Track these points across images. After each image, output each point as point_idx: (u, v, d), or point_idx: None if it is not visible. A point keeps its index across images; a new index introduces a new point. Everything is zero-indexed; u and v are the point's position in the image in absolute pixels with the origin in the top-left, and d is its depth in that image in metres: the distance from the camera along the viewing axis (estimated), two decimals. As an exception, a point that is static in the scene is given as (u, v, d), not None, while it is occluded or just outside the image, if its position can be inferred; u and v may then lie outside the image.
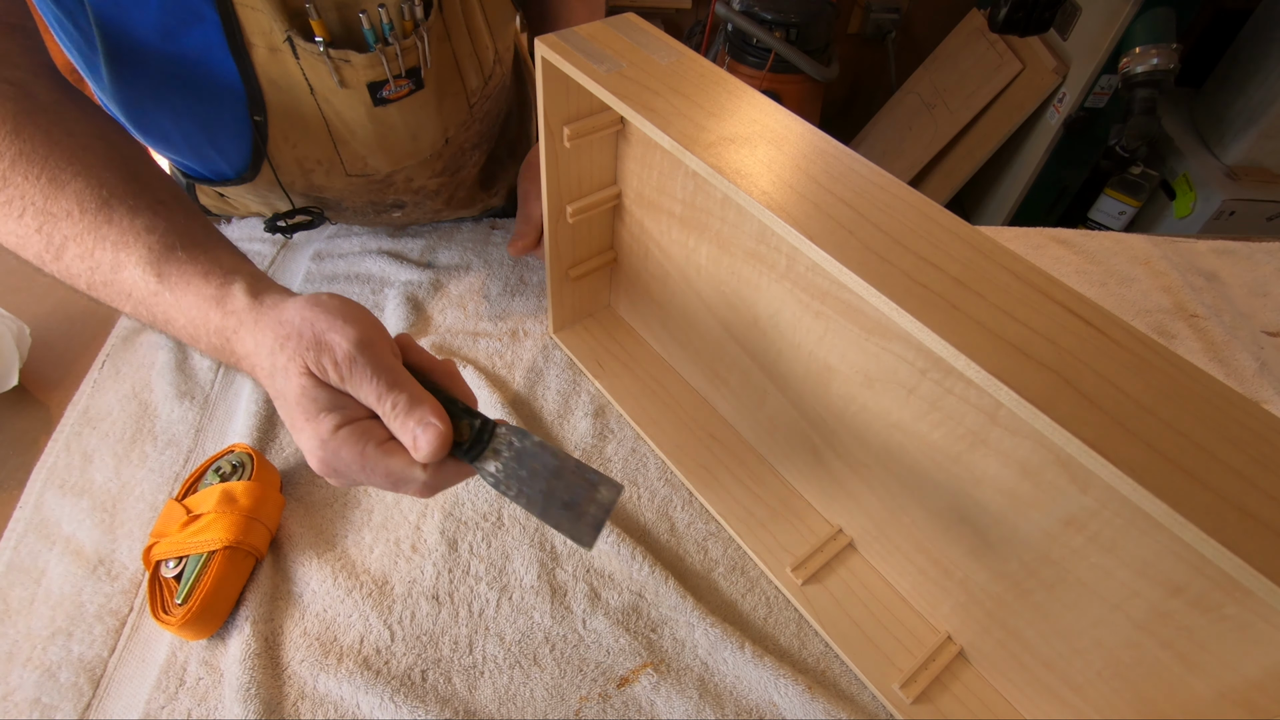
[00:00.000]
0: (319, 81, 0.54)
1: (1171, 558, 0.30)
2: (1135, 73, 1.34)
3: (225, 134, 0.57)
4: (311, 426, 0.34)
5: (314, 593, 0.46)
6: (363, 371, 0.34)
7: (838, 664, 0.45)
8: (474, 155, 0.70)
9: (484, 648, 0.44)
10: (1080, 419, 0.26)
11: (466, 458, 0.35)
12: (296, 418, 0.35)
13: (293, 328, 0.35)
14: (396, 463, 0.34)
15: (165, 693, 0.42)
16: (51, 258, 0.39)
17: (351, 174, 0.62)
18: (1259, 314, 0.72)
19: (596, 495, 0.34)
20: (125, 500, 0.50)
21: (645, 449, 0.55)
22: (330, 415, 0.34)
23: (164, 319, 0.39)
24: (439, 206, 0.72)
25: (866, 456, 0.44)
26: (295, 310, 0.36)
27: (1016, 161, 1.80)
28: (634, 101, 0.38)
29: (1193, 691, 0.32)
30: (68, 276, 0.40)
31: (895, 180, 0.35)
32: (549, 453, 0.35)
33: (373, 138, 0.58)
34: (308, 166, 0.60)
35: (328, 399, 0.34)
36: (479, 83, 0.64)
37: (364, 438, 0.34)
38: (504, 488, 0.34)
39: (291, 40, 0.50)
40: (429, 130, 0.61)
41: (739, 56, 1.77)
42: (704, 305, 0.52)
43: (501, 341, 0.62)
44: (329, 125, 0.57)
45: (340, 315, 0.35)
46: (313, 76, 0.53)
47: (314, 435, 0.34)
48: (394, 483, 0.35)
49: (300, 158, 0.59)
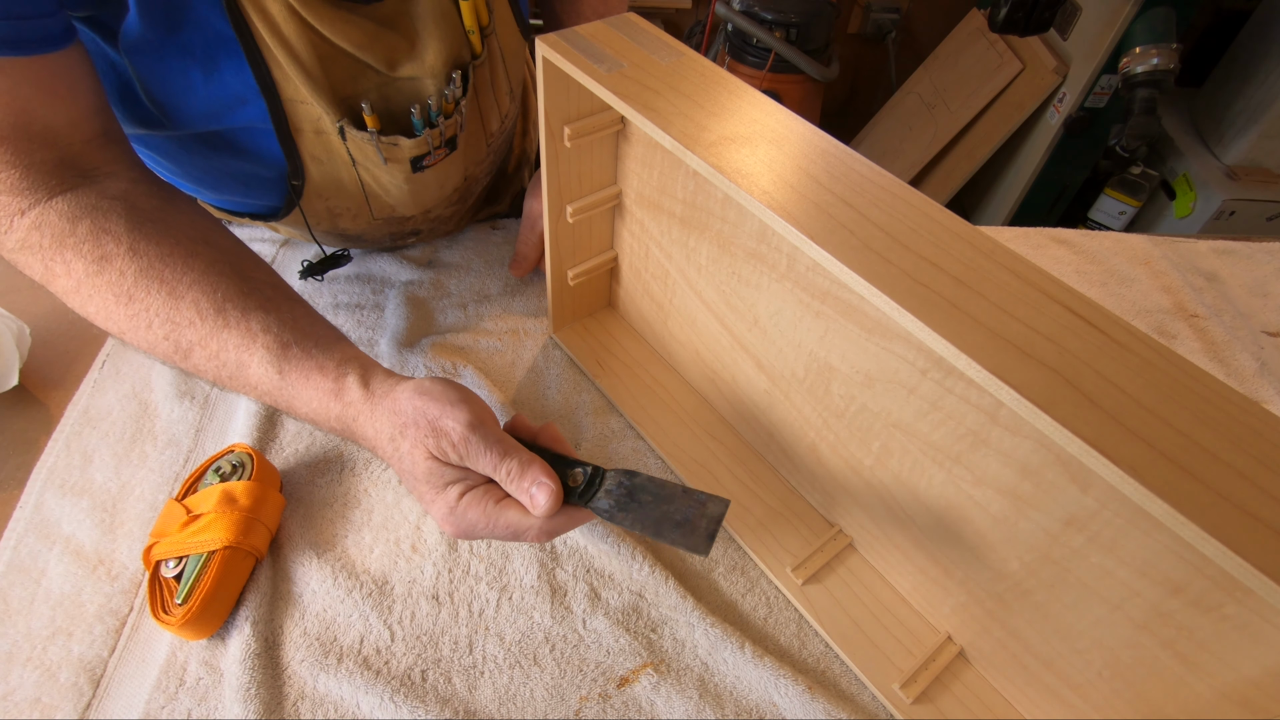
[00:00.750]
0: (363, 157, 0.56)
1: (1172, 557, 0.30)
2: (1135, 73, 1.34)
3: (260, 190, 0.60)
4: (441, 498, 0.40)
5: (314, 593, 0.46)
6: (478, 448, 0.40)
7: (838, 664, 0.45)
8: (485, 180, 0.72)
9: (484, 648, 0.44)
10: (1081, 418, 0.26)
11: (581, 501, 0.40)
12: (425, 492, 0.41)
13: (408, 417, 0.41)
14: (514, 515, 0.40)
15: (165, 693, 0.42)
16: (180, 359, 0.44)
17: (378, 218, 0.64)
18: (1259, 314, 0.72)
19: (706, 510, 0.38)
20: (125, 500, 0.50)
21: (645, 449, 0.55)
22: (454, 486, 0.40)
23: (288, 406, 0.45)
24: (451, 228, 0.73)
25: (866, 456, 0.44)
26: (407, 400, 0.42)
27: (1016, 161, 1.80)
28: (635, 101, 0.38)
29: (1193, 691, 0.32)
30: (198, 373, 0.45)
31: (896, 180, 0.35)
32: (658, 484, 0.40)
33: (406, 195, 0.61)
34: (336, 213, 0.63)
35: (450, 474, 0.40)
36: (497, 125, 0.65)
37: (484, 499, 0.40)
38: (619, 520, 0.39)
39: (343, 130, 0.53)
40: (453, 177, 0.63)
41: (739, 56, 1.77)
42: (704, 305, 0.52)
43: (501, 341, 0.62)
44: (364, 187, 0.59)
45: (449, 401, 0.41)
46: (357, 154, 0.55)
47: (444, 504, 0.40)
48: (515, 534, 0.40)
49: (331, 208, 0.62)
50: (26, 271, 0.44)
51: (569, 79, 0.43)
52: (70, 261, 0.42)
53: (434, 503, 0.41)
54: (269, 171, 0.57)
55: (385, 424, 0.42)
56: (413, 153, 0.56)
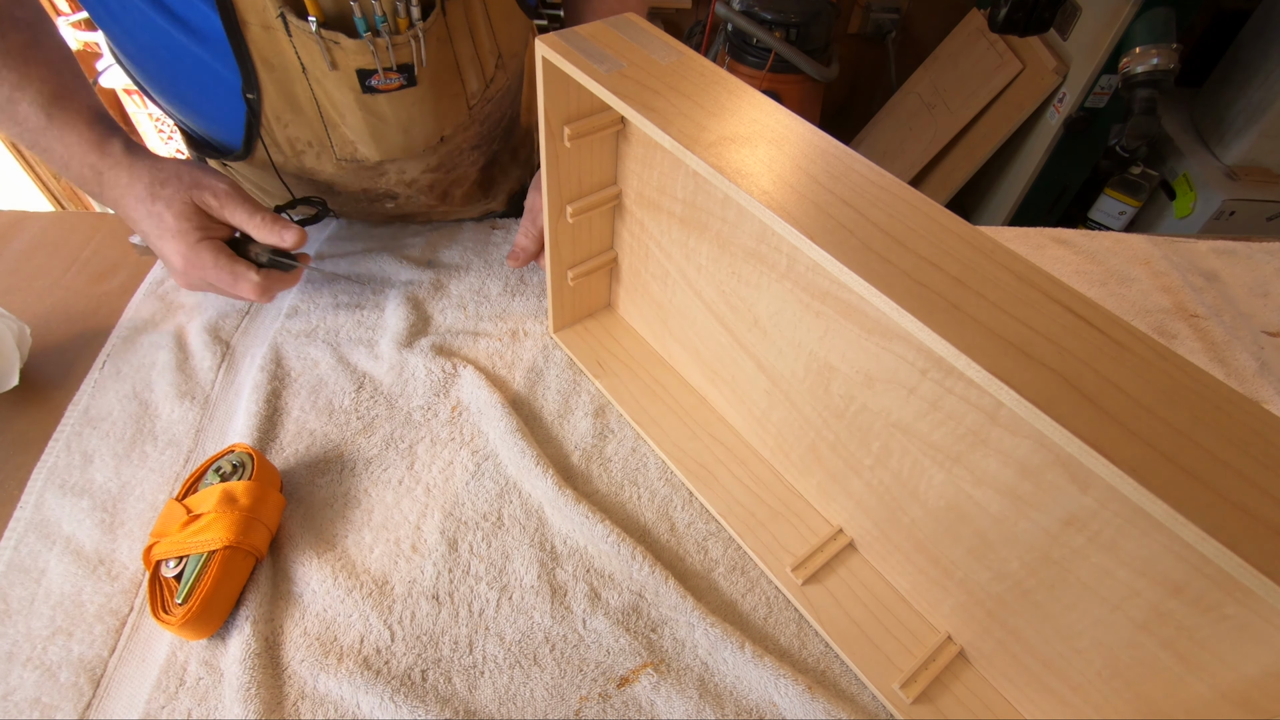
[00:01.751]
0: (311, 62, 0.55)
1: (1171, 557, 0.30)
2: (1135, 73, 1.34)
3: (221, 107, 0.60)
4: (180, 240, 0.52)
5: (314, 593, 0.46)
6: (236, 202, 0.54)
7: (838, 664, 0.45)
8: (472, 155, 0.70)
9: (484, 648, 0.44)
10: (1080, 419, 0.26)
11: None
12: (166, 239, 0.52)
13: (172, 172, 0.53)
14: (241, 265, 0.54)
15: (165, 693, 0.42)
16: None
17: (341, 159, 0.63)
18: (1259, 314, 0.72)
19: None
20: (125, 500, 0.50)
21: (645, 449, 0.55)
22: (195, 231, 0.52)
23: (46, 146, 0.53)
24: (433, 202, 0.72)
25: (866, 456, 0.44)
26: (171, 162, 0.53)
27: (1016, 161, 1.80)
28: (634, 101, 0.38)
29: (1193, 691, 0.32)
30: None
31: (895, 180, 0.35)
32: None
33: (362, 125, 0.60)
34: (299, 148, 0.62)
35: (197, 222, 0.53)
36: (479, 86, 0.64)
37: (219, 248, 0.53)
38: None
39: (284, 17, 0.52)
40: (422, 127, 0.62)
41: (739, 56, 1.77)
42: (704, 305, 0.52)
43: (501, 341, 0.62)
44: (320, 107, 0.59)
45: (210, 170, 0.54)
46: (305, 56, 0.55)
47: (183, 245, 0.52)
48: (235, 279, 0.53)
49: (291, 138, 0.61)
50: None
51: (569, 79, 0.43)
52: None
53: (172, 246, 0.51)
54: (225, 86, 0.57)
55: (145, 175, 0.52)
56: (357, 61, 0.55)
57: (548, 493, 0.50)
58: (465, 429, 0.55)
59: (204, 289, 0.57)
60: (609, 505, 0.52)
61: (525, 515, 0.51)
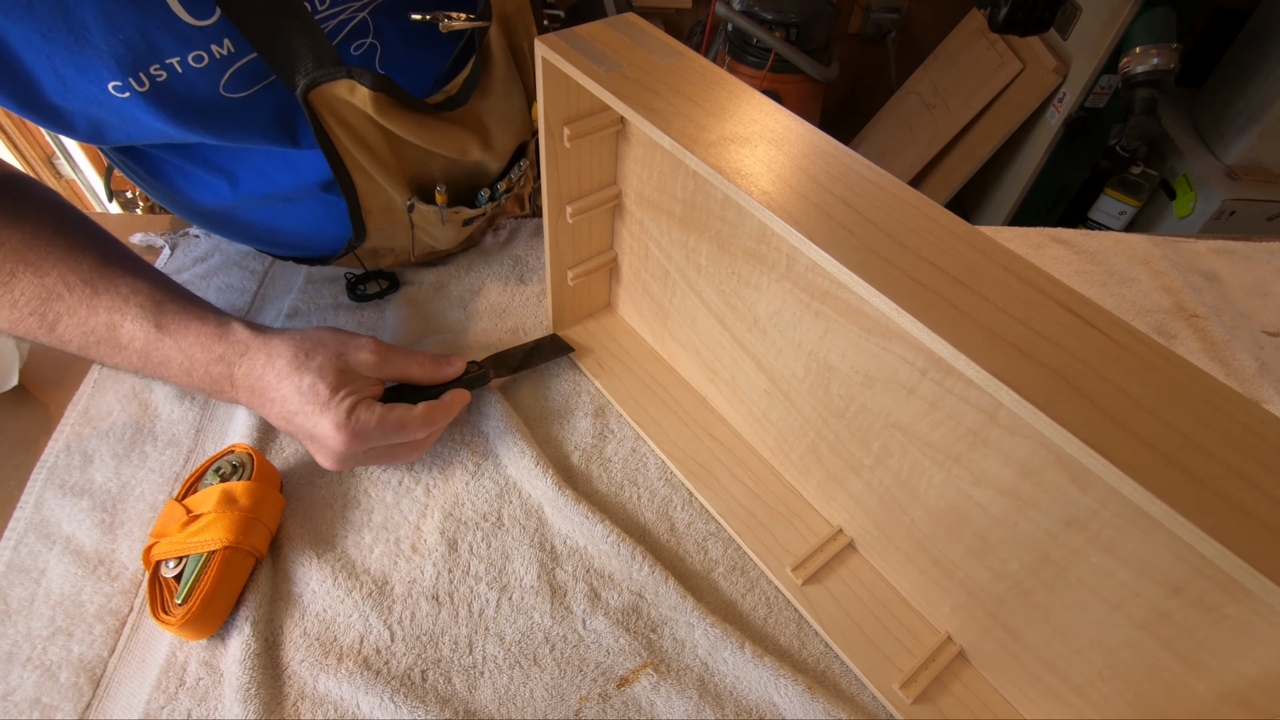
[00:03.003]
0: (423, 221, 0.59)
1: (1171, 558, 0.30)
2: (1135, 73, 1.34)
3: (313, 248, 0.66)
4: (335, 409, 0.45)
5: (314, 593, 0.46)
6: (394, 352, 0.49)
7: (838, 664, 0.45)
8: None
9: (484, 648, 0.44)
10: (1080, 419, 0.26)
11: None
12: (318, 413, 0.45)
13: (313, 340, 0.47)
14: (400, 410, 0.47)
15: (165, 693, 0.42)
16: (46, 332, 0.45)
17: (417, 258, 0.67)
18: (1259, 314, 0.72)
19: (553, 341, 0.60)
20: (125, 500, 0.50)
21: (645, 449, 0.55)
22: (350, 398, 0.45)
23: (159, 361, 0.46)
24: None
25: (866, 456, 0.44)
26: (308, 331, 0.48)
27: (1016, 161, 1.80)
28: (634, 101, 0.38)
29: (1193, 691, 0.32)
30: (63, 345, 0.46)
31: (895, 180, 0.35)
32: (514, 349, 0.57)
33: (452, 239, 0.65)
34: (380, 255, 0.65)
35: (353, 387, 0.46)
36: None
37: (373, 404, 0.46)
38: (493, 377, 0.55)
39: (412, 205, 0.56)
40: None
41: (739, 56, 1.77)
42: (704, 305, 0.52)
43: (501, 341, 0.62)
44: (414, 237, 0.62)
45: (347, 333, 0.49)
46: (419, 220, 0.59)
47: (338, 413, 0.45)
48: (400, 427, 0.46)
49: (377, 251, 0.65)
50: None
51: (568, 79, 0.43)
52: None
53: (327, 424, 0.45)
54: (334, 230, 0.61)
55: (286, 348, 0.46)
56: (471, 216, 0.61)
57: (548, 493, 0.50)
58: (465, 429, 0.55)
59: (359, 464, 0.49)
60: (609, 505, 0.52)
61: (525, 515, 0.51)
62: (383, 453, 0.48)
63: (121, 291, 0.45)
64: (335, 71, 0.47)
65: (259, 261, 0.67)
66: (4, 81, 0.43)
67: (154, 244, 0.68)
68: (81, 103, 0.45)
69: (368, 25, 0.52)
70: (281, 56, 0.46)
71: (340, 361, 0.46)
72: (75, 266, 0.45)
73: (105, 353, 0.46)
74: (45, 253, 0.44)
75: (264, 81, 0.49)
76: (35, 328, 0.45)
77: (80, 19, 0.41)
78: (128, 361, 0.47)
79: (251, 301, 0.63)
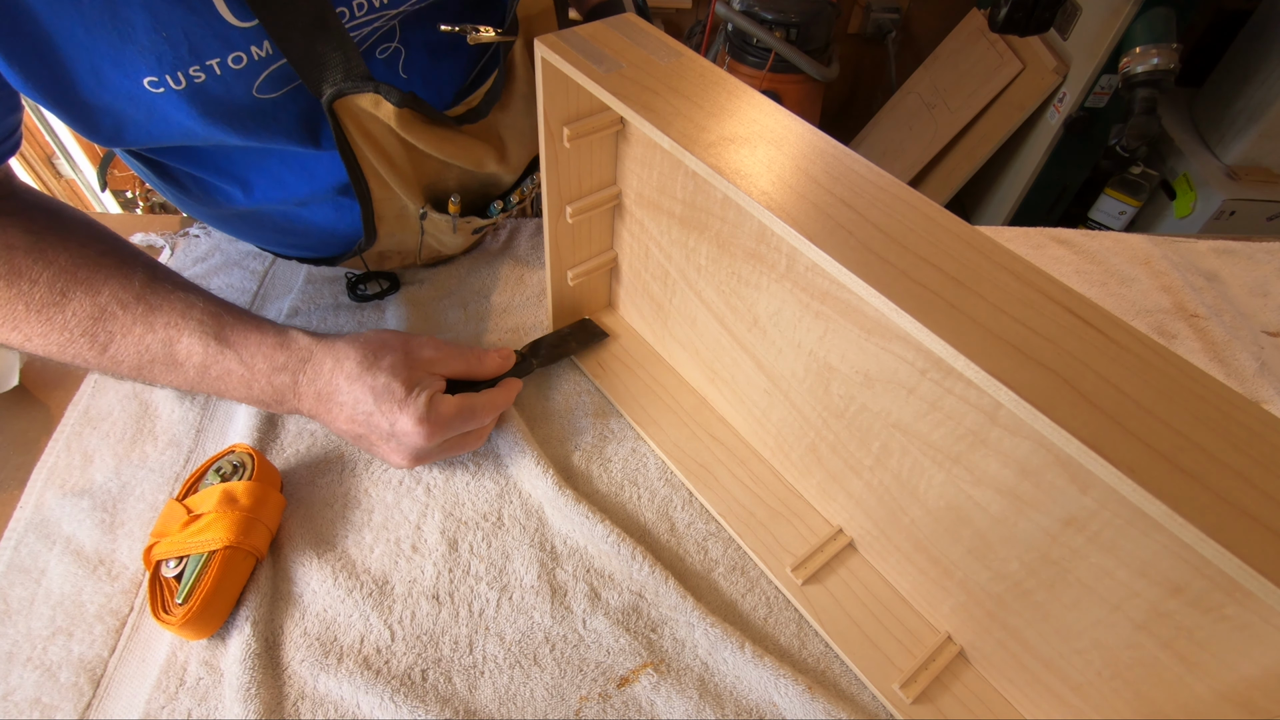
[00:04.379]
0: (434, 229, 0.60)
1: (1171, 558, 0.30)
2: (1135, 73, 1.34)
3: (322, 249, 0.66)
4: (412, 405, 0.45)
5: (314, 593, 0.46)
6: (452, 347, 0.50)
7: (838, 664, 0.45)
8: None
9: (484, 647, 0.44)
10: (1080, 419, 0.26)
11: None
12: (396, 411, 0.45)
13: (376, 340, 0.48)
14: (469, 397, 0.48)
15: (165, 693, 0.42)
16: (98, 354, 0.44)
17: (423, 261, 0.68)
18: (1259, 314, 0.72)
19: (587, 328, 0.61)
20: (125, 500, 0.50)
21: (645, 449, 0.55)
22: (425, 391, 0.46)
23: (218, 375, 0.46)
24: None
25: (866, 457, 0.44)
26: (369, 334, 0.48)
27: (1016, 161, 1.80)
28: (634, 102, 0.38)
29: (1193, 691, 0.32)
30: (115, 366, 0.45)
31: (895, 180, 0.35)
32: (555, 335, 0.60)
33: (459, 245, 0.66)
34: (386, 257, 0.66)
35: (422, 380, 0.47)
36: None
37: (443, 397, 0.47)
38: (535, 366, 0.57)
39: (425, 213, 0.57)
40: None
41: (739, 56, 1.77)
42: (704, 305, 0.52)
43: (502, 341, 0.62)
44: (423, 242, 0.63)
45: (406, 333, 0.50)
46: (430, 228, 0.60)
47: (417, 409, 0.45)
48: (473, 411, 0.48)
49: (384, 254, 0.65)
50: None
51: (568, 79, 0.43)
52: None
53: (407, 420, 0.45)
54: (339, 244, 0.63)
55: (353, 351, 0.46)
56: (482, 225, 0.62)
57: (548, 493, 0.50)
58: (465, 429, 0.55)
59: (437, 456, 0.50)
60: (609, 505, 0.52)
61: (525, 515, 0.51)
62: (453, 443, 0.49)
63: (177, 307, 0.45)
64: (363, 85, 0.47)
65: (259, 261, 0.67)
66: (37, 73, 0.42)
67: (154, 244, 0.68)
68: (112, 97, 0.44)
69: (395, 31, 0.52)
70: (311, 65, 0.46)
71: (409, 359, 0.47)
72: (127, 284, 0.44)
73: (159, 372, 0.45)
74: (96, 271, 0.44)
75: (294, 83, 0.49)
76: (85, 349, 0.44)
77: (128, 17, 0.41)
78: (183, 379, 0.46)
79: (251, 301, 0.63)
